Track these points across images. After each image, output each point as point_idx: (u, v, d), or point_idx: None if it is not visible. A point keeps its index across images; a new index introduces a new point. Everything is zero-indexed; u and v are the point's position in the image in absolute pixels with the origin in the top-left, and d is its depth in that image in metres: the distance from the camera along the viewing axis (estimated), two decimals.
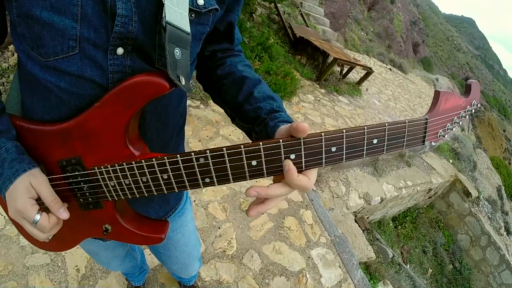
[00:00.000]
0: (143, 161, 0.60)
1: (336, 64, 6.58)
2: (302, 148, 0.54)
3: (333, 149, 0.55)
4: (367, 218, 4.80)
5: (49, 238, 0.69)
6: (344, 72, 7.71)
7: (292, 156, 0.55)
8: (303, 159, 0.55)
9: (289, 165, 0.55)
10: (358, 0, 18.72)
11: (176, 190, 0.63)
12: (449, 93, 0.62)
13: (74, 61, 0.57)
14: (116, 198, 0.68)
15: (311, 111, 5.34)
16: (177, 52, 0.57)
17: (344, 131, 0.53)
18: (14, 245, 1.97)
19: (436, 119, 0.61)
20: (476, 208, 6.93)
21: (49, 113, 0.65)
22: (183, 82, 0.58)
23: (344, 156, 0.56)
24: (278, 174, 0.57)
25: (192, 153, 0.57)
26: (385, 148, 0.57)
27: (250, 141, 0.55)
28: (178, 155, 0.58)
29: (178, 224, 1.11)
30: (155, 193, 0.64)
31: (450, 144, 7.69)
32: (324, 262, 2.73)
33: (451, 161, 7.17)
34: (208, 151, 0.56)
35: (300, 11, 9.26)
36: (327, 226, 3.10)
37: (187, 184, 0.61)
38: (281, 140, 0.53)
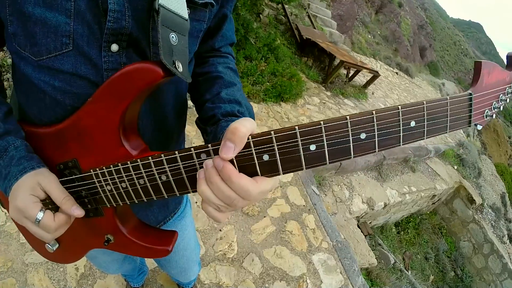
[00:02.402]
0: (138, 160, 0.56)
1: (342, 66, 6.54)
2: (324, 136, 0.44)
3: (362, 136, 0.44)
4: (370, 223, 4.76)
5: (54, 241, 0.67)
6: (350, 75, 7.68)
7: (313, 147, 0.45)
8: (326, 149, 0.45)
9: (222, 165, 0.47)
10: (366, 2, 18.65)
11: (177, 194, 0.56)
12: (491, 64, 0.53)
13: (68, 59, 0.55)
14: (114, 204, 0.64)
15: (316, 113, 5.31)
16: (173, 37, 0.54)
17: (373, 112, 0.43)
18: (14, 241, 1.97)
19: (481, 95, 0.52)
20: (480, 216, 6.88)
21: (45, 115, 0.62)
22: (181, 69, 0.54)
23: (376, 144, 0.45)
24: (297, 170, 0.47)
25: (192, 149, 0.50)
26: (425, 131, 0.47)
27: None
28: (177, 152, 0.51)
29: (177, 228, 1.08)
30: (154, 198, 0.59)
31: (455, 150, 7.63)
32: (325, 267, 2.70)
33: (455, 167, 7.12)
34: (210, 146, 0.49)
35: (307, 12, 9.24)
36: (329, 231, 3.06)
37: (188, 185, 0.54)
38: (297, 127, 0.44)
